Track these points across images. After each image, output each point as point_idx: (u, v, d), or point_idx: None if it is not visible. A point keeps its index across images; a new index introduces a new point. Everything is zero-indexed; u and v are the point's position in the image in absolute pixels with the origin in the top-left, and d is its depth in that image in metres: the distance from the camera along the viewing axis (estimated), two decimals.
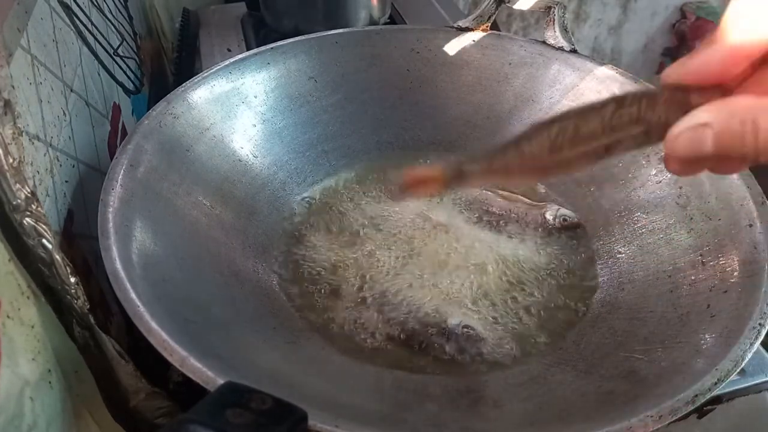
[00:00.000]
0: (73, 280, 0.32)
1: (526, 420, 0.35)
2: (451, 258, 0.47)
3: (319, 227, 0.50)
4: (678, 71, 0.20)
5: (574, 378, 0.38)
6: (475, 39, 0.57)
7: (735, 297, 0.36)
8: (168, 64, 0.87)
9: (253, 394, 0.25)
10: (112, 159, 0.41)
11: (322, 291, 0.45)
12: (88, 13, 0.51)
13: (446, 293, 0.44)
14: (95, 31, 0.51)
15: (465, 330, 0.41)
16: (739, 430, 0.42)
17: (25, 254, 0.30)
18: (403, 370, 0.40)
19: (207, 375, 0.29)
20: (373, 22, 0.78)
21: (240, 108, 0.51)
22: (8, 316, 0.27)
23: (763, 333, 0.33)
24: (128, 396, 0.35)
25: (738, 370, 0.31)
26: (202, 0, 0.91)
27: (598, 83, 0.53)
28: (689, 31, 1.38)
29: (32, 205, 0.30)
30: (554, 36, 0.55)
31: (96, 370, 0.34)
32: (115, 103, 0.55)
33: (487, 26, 0.57)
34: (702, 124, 0.17)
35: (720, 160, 0.19)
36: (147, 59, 0.74)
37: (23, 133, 0.32)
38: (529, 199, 0.52)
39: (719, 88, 0.19)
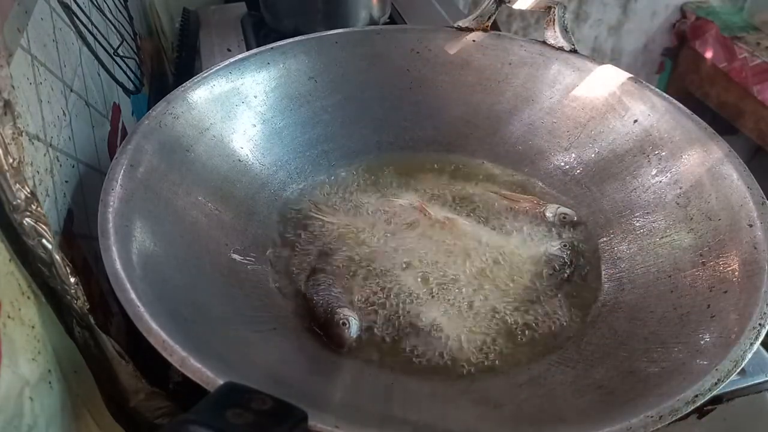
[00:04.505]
0: (73, 280, 0.32)
1: (527, 420, 0.35)
2: (451, 257, 0.47)
3: (319, 227, 0.50)
4: None
5: (574, 378, 0.38)
6: (476, 39, 0.57)
7: (735, 297, 0.36)
8: (168, 64, 0.87)
9: (253, 394, 0.25)
10: (112, 159, 0.41)
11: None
12: (88, 13, 0.51)
13: (446, 294, 0.44)
14: (95, 31, 0.51)
15: (462, 330, 0.41)
16: (739, 430, 0.42)
17: (25, 254, 0.30)
18: (404, 371, 0.40)
19: (207, 375, 0.29)
20: (373, 22, 0.78)
21: (240, 108, 0.51)
22: (9, 317, 0.27)
23: (763, 333, 0.33)
24: (128, 396, 0.35)
25: (738, 370, 0.31)
26: (202, 0, 0.91)
27: (598, 83, 0.53)
28: (689, 31, 1.38)
29: (32, 205, 0.30)
30: (554, 36, 0.55)
31: (96, 370, 0.34)
32: (115, 103, 0.55)
33: (487, 26, 0.57)
34: None
35: None
36: (147, 59, 0.74)
37: (23, 133, 0.32)
38: (529, 198, 0.52)
39: None
